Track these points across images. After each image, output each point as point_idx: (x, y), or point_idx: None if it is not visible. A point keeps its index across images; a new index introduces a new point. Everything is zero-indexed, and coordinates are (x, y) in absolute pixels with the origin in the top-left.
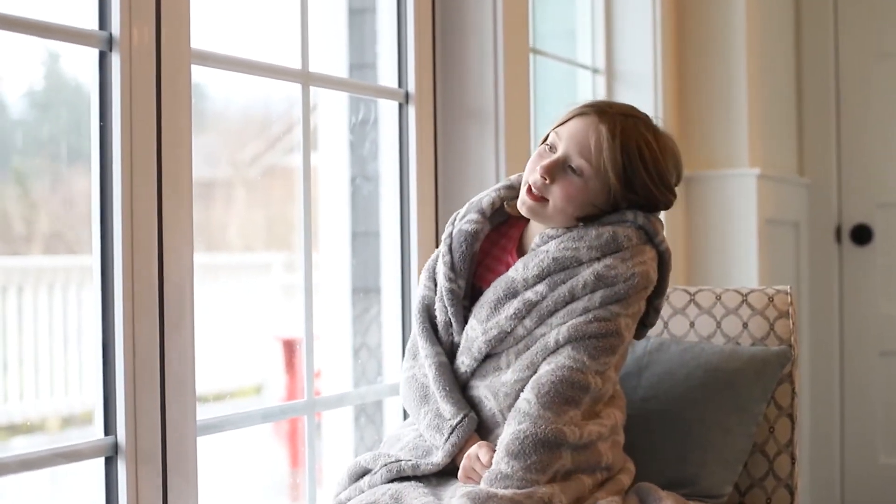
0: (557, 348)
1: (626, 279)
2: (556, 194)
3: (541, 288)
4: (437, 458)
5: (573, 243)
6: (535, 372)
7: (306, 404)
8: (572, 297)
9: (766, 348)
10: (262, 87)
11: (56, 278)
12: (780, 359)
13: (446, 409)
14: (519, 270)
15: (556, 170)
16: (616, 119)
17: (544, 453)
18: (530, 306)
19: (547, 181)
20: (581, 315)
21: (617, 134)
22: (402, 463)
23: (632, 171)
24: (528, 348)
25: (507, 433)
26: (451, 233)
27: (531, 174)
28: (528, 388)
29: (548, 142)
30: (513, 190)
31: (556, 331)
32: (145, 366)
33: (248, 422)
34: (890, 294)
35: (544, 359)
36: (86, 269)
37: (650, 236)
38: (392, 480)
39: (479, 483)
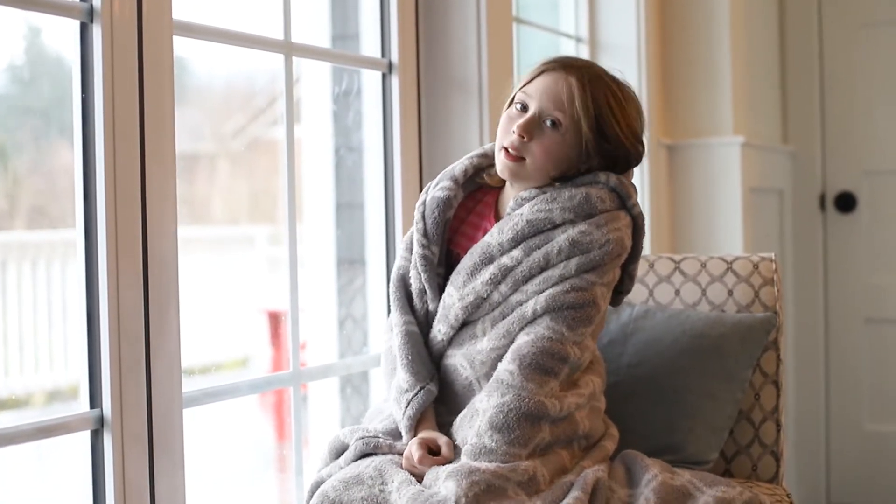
0: (535, 318)
1: (601, 245)
2: (534, 151)
3: (516, 253)
4: (405, 438)
5: (546, 205)
6: (512, 341)
7: (292, 375)
8: (547, 263)
9: (752, 315)
10: (245, 61)
11: (40, 253)
12: (764, 325)
13: (405, 379)
14: (494, 235)
15: (533, 127)
16: (582, 71)
17: (527, 427)
18: (506, 271)
19: (525, 139)
20: (557, 284)
21: (586, 84)
22: (380, 440)
23: (602, 119)
24: (504, 316)
25: (491, 405)
26: (425, 201)
27: (506, 136)
28: (507, 358)
29: (516, 103)
30: (486, 158)
31: (534, 300)
32: (131, 339)
33: (234, 393)
34: (874, 261)
35: (521, 328)
36: (70, 244)
37: (623, 199)
38: (368, 454)
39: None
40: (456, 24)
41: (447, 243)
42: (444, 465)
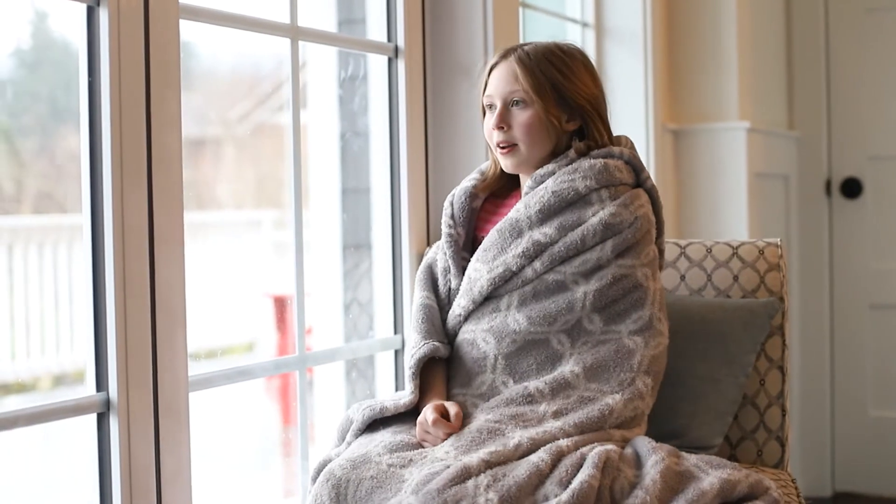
0: (583, 316)
1: (631, 224)
2: (518, 134)
3: (548, 230)
4: (407, 387)
5: (568, 175)
6: (554, 327)
7: (298, 359)
8: (583, 245)
9: (754, 300)
10: (251, 46)
11: (46, 237)
12: (767, 309)
13: (414, 339)
14: (521, 210)
15: (505, 115)
16: (518, 49)
17: (587, 423)
18: (539, 248)
19: (504, 129)
20: (597, 274)
21: (524, 56)
22: (385, 403)
23: (553, 78)
24: (537, 294)
25: (565, 401)
26: (454, 193)
27: (492, 139)
28: (574, 362)
29: (485, 110)
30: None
31: (581, 294)
32: (137, 323)
33: (239, 377)
34: (879, 247)
35: (568, 323)
36: (76, 228)
37: (637, 171)
38: (375, 423)
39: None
40: (462, 8)
41: (475, 230)
42: (455, 430)
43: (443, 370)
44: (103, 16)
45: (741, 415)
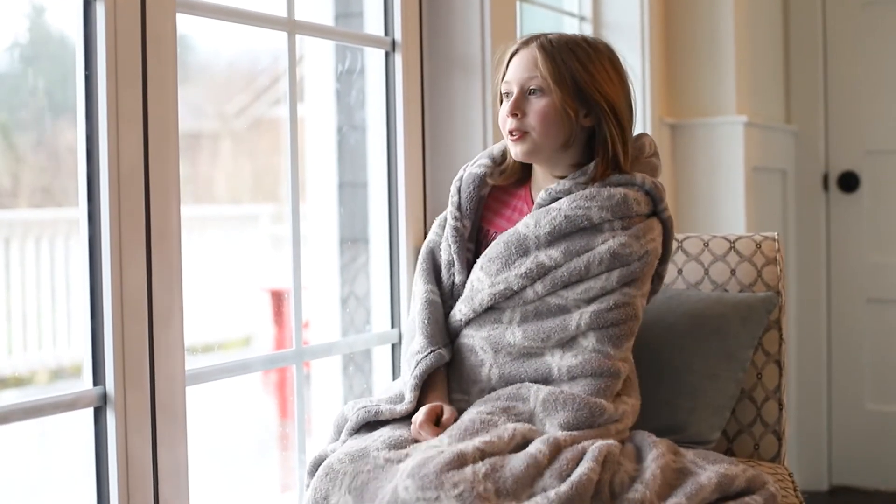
0: (578, 334)
1: (640, 257)
2: (532, 123)
3: (555, 253)
4: (407, 396)
5: (585, 202)
6: (548, 345)
7: (295, 353)
8: (588, 272)
9: (752, 294)
10: (248, 40)
11: (43, 231)
12: (765, 304)
13: (418, 342)
14: (530, 227)
15: (521, 102)
16: (542, 38)
17: (575, 422)
18: (543, 270)
19: (518, 115)
20: (599, 299)
21: (547, 44)
22: (381, 406)
23: (574, 70)
24: (539, 313)
25: (556, 418)
26: (462, 177)
27: (505, 125)
28: (568, 382)
29: (502, 95)
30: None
31: (577, 315)
32: (134, 317)
33: (237, 370)
34: (876, 241)
35: (562, 340)
36: (73, 222)
37: (655, 202)
38: (369, 424)
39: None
40: (460, 2)
41: (480, 220)
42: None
43: (443, 373)
44: (100, 10)
45: (738, 409)
